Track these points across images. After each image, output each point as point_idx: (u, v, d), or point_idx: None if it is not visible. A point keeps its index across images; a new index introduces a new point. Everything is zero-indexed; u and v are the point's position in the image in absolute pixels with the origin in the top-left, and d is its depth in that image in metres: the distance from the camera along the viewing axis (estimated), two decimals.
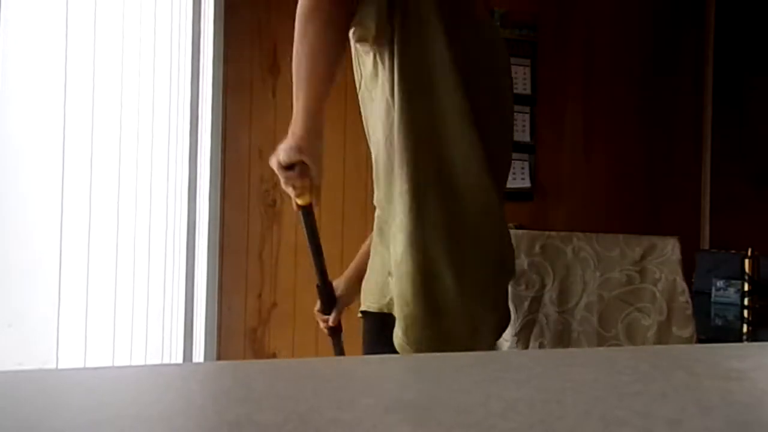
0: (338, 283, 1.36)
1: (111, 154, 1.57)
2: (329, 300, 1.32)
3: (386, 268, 1.15)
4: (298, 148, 1.03)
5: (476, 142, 1.08)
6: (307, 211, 1.13)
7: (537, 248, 1.36)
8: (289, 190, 1.09)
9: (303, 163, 1.05)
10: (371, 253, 1.23)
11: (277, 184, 1.12)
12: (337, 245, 2.37)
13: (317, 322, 1.37)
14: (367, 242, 1.37)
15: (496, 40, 1.30)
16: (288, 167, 1.05)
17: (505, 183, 1.22)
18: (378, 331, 1.17)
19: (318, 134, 1.06)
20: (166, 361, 1.95)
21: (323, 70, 1.06)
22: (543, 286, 1.35)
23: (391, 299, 1.13)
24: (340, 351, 1.40)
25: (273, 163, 1.06)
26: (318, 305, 1.34)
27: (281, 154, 1.04)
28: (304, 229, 1.16)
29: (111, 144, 1.57)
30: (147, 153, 1.78)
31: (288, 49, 1.09)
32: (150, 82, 1.80)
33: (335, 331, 1.37)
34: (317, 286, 1.29)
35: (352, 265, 1.42)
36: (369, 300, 1.20)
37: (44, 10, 1.29)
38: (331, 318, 1.33)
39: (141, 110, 1.73)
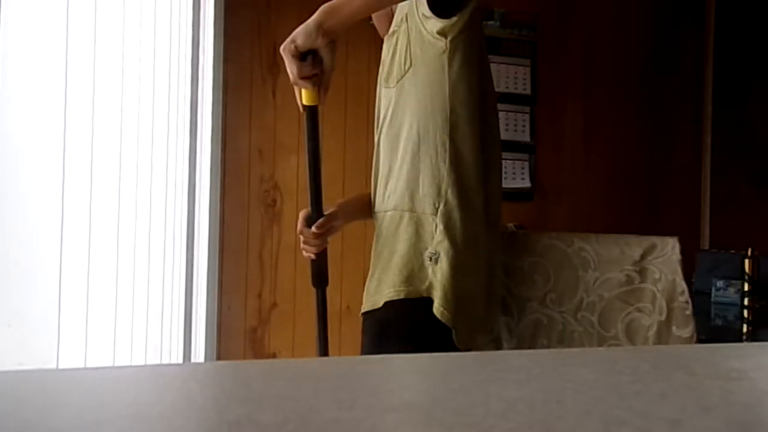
0: (331, 205, 1.28)
1: (111, 154, 1.57)
2: (317, 209, 1.22)
3: (421, 255, 1.18)
4: (317, 24, 1.01)
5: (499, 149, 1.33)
6: (312, 111, 1.10)
7: (537, 248, 1.36)
8: (300, 83, 1.06)
9: (316, 54, 1.04)
10: (392, 249, 1.22)
11: (277, 184, 1.13)
12: (338, 243, 2.38)
13: (317, 322, 1.34)
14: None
15: None
16: (302, 57, 1.03)
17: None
18: (406, 318, 1.19)
19: (335, 31, 1.04)
20: (166, 361, 1.95)
21: (367, 10, 1.12)
22: (543, 286, 1.34)
23: (430, 283, 1.17)
24: (322, 300, 1.26)
25: (287, 50, 1.02)
26: (300, 221, 1.24)
27: (300, 37, 1.02)
28: (306, 131, 1.13)
29: (111, 144, 1.57)
30: (147, 153, 1.78)
31: None
32: (150, 83, 1.80)
33: (319, 258, 1.24)
34: (309, 188, 1.19)
35: (352, 198, 1.45)
36: (402, 288, 1.18)
37: (44, 11, 1.29)
38: (316, 224, 1.21)
39: (141, 110, 1.74)
